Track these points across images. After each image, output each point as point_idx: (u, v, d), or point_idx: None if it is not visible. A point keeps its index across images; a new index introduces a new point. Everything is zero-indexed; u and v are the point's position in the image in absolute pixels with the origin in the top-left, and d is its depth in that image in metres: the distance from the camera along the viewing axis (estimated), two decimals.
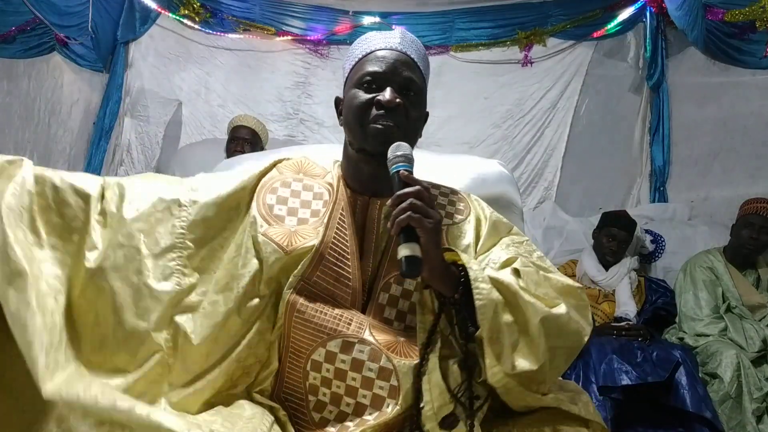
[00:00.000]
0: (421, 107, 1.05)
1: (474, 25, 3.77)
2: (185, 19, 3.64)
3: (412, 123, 1.02)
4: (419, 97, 1.03)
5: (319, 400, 0.89)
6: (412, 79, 1.02)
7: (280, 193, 1.04)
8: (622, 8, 3.67)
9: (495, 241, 1.07)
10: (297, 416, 0.90)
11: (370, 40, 1.07)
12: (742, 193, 3.00)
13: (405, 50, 1.04)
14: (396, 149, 0.92)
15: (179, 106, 3.74)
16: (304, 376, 0.89)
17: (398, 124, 0.98)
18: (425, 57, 1.09)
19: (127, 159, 3.73)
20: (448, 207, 1.10)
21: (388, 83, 1.00)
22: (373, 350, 0.89)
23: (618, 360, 2.40)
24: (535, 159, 3.83)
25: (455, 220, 1.08)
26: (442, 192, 1.13)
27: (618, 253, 2.91)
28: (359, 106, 1.00)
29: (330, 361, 0.89)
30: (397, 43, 1.04)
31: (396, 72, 1.01)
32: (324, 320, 0.91)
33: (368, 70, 1.02)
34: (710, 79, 3.49)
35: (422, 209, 0.85)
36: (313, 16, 3.77)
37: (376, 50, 1.04)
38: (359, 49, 1.07)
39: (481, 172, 1.41)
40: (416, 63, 1.04)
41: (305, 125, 3.85)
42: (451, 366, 0.87)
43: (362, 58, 1.05)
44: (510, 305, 0.86)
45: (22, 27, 3.15)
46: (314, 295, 0.93)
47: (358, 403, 0.87)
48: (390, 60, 1.02)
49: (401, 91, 1.00)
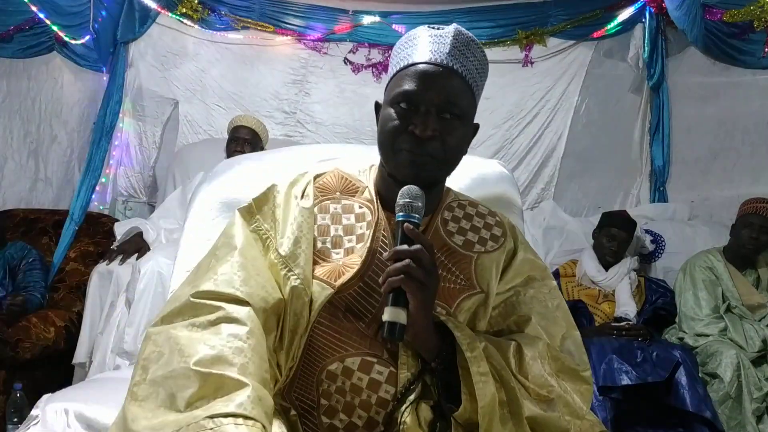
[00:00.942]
0: (465, 128, 0.95)
1: (474, 25, 3.76)
2: (183, 17, 3.63)
3: (451, 150, 0.93)
4: (463, 120, 0.94)
5: (331, 405, 0.88)
6: (455, 101, 0.91)
7: (320, 221, 0.97)
8: (622, 8, 3.67)
9: (518, 282, 1.00)
10: (306, 418, 0.89)
11: (416, 44, 0.95)
12: (742, 193, 3.00)
13: (453, 64, 0.92)
14: (406, 194, 0.86)
15: (177, 105, 3.73)
16: (318, 383, 0.89)
17: (433, 154, 0.91)
18: (481, 63, 0.97)
19: (126, 159, 3.72)
20: (483, 231, 1.02)
21: (426, 105, 0.90)
22: (392, 373, 0.88)
23: (618, 360, 2.41)
24: (535, 159, 3.82)
25: (488, 248, 1.00)
26: (479, 212, 1.05)
27: (618, 253, 2.91)
28: (391, 131, 0.92)
29: (347, 376, 0.88)
30: (445, 54, 0.92)
31: (436, 94, 0.90)
32: (347, 335, 0.89)
33: (405, 89, 0.91)
34: (710, 79, 3.48)
35: (418, 274, 0.79)
36: (313, 14, 3.76)
37: (419, 63, 0.92)
38: (404, 53, 0.96)
39: (481, 172, 1.41)
40: (465, 78, 0.93)
41: (303, 124, 3.84)
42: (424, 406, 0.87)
43: (402, 70, 0.94)
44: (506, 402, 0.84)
45: (21, 26, 3.14)
46: (343, 306, 0.91)
47: (371, 418, 0.87)
48: (431, 78, 0.91)
49: (441, 113, 0.91)
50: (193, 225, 1.36)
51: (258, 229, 0.97)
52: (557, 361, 0.91)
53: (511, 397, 0.84)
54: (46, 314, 2.64)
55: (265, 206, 1.00)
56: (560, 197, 3.80)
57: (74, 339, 2.63)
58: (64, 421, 1.15)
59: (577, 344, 0.98)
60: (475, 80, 0.95)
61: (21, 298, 2.58)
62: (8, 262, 2.78)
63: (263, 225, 0.97)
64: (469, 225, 1.02)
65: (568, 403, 0.88)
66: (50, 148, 3.45)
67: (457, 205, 1.05)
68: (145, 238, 2.78)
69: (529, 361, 0.87)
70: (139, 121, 3.71)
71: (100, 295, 2.67)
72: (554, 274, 3.00)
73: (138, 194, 3.73)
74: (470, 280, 0.96)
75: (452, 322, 0.88)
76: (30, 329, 2.49)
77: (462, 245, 0.99)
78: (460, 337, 0.85)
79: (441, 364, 0.87)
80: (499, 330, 0.97)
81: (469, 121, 0.97)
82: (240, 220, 0.98)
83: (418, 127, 0.89)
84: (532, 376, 0.86)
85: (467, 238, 1.00)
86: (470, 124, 0.98)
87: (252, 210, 1.00)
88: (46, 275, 2.87)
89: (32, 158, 3.39)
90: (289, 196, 1.00)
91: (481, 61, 0.96)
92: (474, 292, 0.95)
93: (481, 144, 3.81)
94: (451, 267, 0.96)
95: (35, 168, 3.40)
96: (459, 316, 0.93)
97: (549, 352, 0.91)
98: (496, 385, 0.84)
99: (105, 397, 1.22)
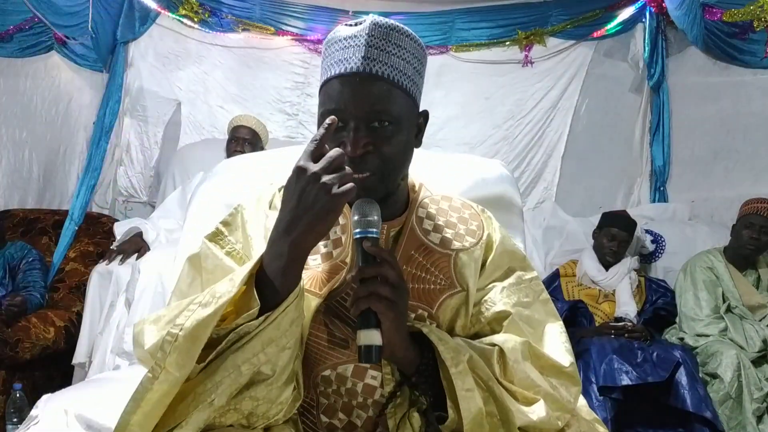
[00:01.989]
0: (404, 131, 0.87)
1: (474, 25, 3.76)
2: (184, 18, 3.63)
3: (391, 160, 0.86)
4: (398, 124, 0.85)
5: (330, 405, 0.88)
6: (383, 108, 0.83)
7: None
8: (622, 8, 3.67)
9: (498, 275, 0.98)
10: (306, 416, 0.89)
11: (331, 52, 0.87)
12: (742, 193, 3.00)
13: (371, 67, 0.83)
14: (359, 210, 0.80)
15: (178, 105, 3.74)
16: (314, 385, 0.88)
17: (372, 170, 0.84)
18: (409, 51, 0.87)
19: (126, 159, 3.72)
20: (459, 226, 0.99)
21: (353, 120, 0.82)
22: (385, 378, 0.88)
23: (618, 360, 2.41)
24: (535, 159, 3.82)
25: (465, 244, 0.96)
26: (453, 206, 1.02)
27: (618, 254, 2.91)
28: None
29: (341, 382, 0.88)
30: (359, 59, 0.83)
31: (359, 106, 0.82)
32: (337, 342, 0.88)
33: (326, 108, 0.85)
34: (711, 79, 3.48)
35: (386, 292, 0.76)
36: (313, 15, 3.76)
37: (334, 77, 0.85)
38: (324, 63, 0.89)
39: (481, 172, 1.41)
40: (390, 78, 0.84)
41: (305, 125, 3.85)
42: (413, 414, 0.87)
43: (323, 86, 0.88)
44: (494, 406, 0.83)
45: (20, 26, 3.15)
46: (331, 313, 0.90)
47: (369, 418, 0.87)
48: (349, 91, 0.83)
49: (370, 124, 0.83)
50: (193, 225, 1.36)
51: (232, 251, 0.94)
52: (540, 359, 0.89)
53: (501, 407, 0.82)
54: (46, 314, 2.64)
55: (234, 226, 0.98)
56: (561, 197, 3.80)
57: (74, 339, 2.62)
58: (64, 421, 1.14)
59: (558, 335, 0.95)
60: (405, 74, 0.86)
61: (20, 299, 2.58)
62: (8, 262, 2.78)
63: (236, 245, 0.95)
64: (444, 221, 0.98)
65: (556, 399, 0.86)
66: (48, 148, 3.45)
67: (431, 200, 1.01)
68: (144, 238, 2.78)
69: (513, 365, 0.85)
70: (139, 122, 3.71)
71: (100, 295, 2.66)
72: (554, 274, 3.01)
73: (138, 194, 3.73)
74: (450, 279, 0.93)
75: (435, 334, 0.85)
76: (30, 329, 2.49)
77: (439, 243, 0.95)
78: (444, 351, 0.82)
79: (422, 378, 0.85)
80: (480, 332, 0.95)
81: (408, 121, 0.88)
82: (212, 247, 0.94)
83: (348, 146, 0.81)
84: (518, 380, 0.85)
85: (444, 236, 0.96)
86: (410, 123, 0.89)
87: (220, 233, 0.97)
88: (46, 275, 2.87)
89: (31, 158, 3.39)
90: (258, 210, 0.97)
91: (408, 49, 0.86)
92: (455, 291, 0.93)
93: (481, 144, 3.82)
94: (430, 267, 0.93)
95: (28, 167, 3.39)
96: (441, 317, 0.92)
97: (531, 351, 0.89)
98: (484, 395, 0.82)
99: (105, 397, 1.22)
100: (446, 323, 0.93)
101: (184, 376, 0.73)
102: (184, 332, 0.71)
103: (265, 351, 0.74)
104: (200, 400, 0.73)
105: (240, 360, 0.73)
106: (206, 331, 0.72)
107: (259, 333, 0.74)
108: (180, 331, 0.72)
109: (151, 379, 0.72)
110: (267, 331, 0.74)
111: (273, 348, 0.75)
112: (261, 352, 0.74)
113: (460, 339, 0.89)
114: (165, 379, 0.72)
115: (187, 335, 0.71)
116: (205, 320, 0.72)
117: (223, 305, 0.73)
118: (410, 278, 0.92)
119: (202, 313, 0.72)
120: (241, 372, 0.73)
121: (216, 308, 0.72)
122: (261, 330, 0.74)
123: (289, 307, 0.75)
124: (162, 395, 0.72)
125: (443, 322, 0.93)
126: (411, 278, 0.92)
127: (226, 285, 0.75)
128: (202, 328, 0.72)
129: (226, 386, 0.73)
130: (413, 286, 0.91)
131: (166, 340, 0.72)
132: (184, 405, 0.73)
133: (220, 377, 0.73)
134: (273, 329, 0.74)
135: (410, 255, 0.94)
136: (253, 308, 0.74)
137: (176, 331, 0.72)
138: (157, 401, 0.72)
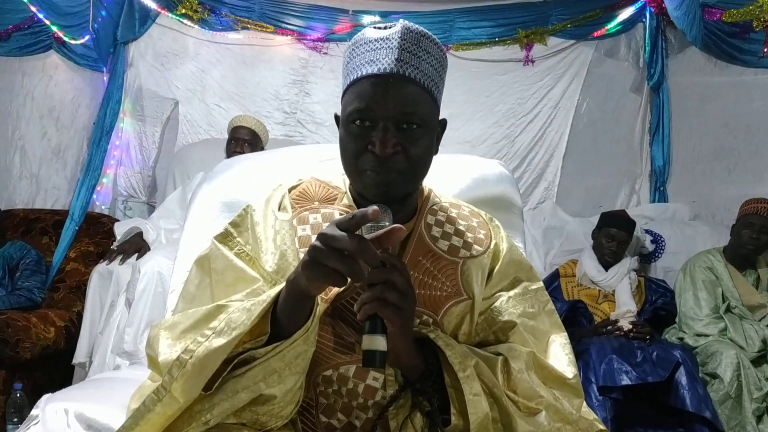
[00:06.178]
0: (429, 135, 0.89)
1: (475, 24, 3.76)
2: (183, 18, 3.63)
3: (416, 161, 0.87)
4: (425, 127, 0.87)
5: (329, 405, 0.88)
6: (413, 110, 0.85)
7: (301, 233, 0.94)
8: (622, 8, 3.67)
9: (504, 285, 0.98)
10: (305, 416, 0.89)
11: (362, 52, 0.88)
12: (742, 193, 2.99)
13: (404, 70, 0.84)
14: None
15: (175, 104, 3.73)
16: (314, 385, 0.89)
17: (398, 170, 0.86)
18: (436, 59, 0.89)
19: (126, 159, 3.72)
20: (467, 234, 0.99)
21: (382, 120, 0.84)
22: (388, 380, 0.88)
23: (618, 360, 2.41)
24: (536, 158, 3.82)
25: (473, 252, 0.97)
26: (462, 214, 1.02)
27: (617, 254, 2.91)
28: (351, 153, 0.87)
29: (342, 382, 0.88)
30: (393, 61, 0.84)
31: (391, 106, 0.84)
32: (340, 343, 0.88)
33: (356, 107, 0.85)
34: (711, 79, 3.48)
35: (393, 298, 0.75)
36: (313, 14, 3.76)
37: (365, 76, 0.85)
38: (352, 63, 0.89)
39: (481, 172, 1.40)
40: (420, 82, 0.85)
41: (302, 124, 3.84)
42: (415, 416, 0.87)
43: (352, 85, 0.88)
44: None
45: (20, 25, 3.14)
46: (337, 315, 0.90)
47: (368, 419, 0.87)
48: (382, 91, 0.84)
49: (399, 125, 0.85)
50: (193, 225, 1.36)
51: (241, 252, 0.95)
52: (544, 370, 0.90)
53: (504, 414, 0.83)
54: (47, 314, 2.64)
55: (243, 227, 0.98)
56: (561, 197, 3.80)
57: (74, 339, 2.63)
58: (64, 421, 1.15)
59: (562, 346, 0.96)
60: (433, 80, 0.88)
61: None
62: (7, 262, 2.78)
63: (245, 247, 0.95)
64: (453, 228, 0.99)
65: (558, 410, 0.86)
66: (48, 148, 3.44)
67: (440, 207, 1.02)
68: (145, 238, 2.78)
69: (517, 375, 0.86)
70: (139, 121, 3.71)
71: (100, 295, 2.67)
72: (554, 274, 3.01)
73: (138, 194, 3.73)
74: (456, 286, 0.93)
75: (442, 339, 0.86)
76: (30, 329, 2.49)
77: (447, 250, 0.96)
78: (451, 356, 0.83)
79: (426, 384, 0.85)
80: (484, 340, 0.95)
81: (433, 126, 0.91)
82: (222, 248, 0.95)
83: (377, 146, 0.83)
84: (521, 390, 0.85)
85: (452, 243, 0.97)
86: (434, 128, 0.92)
87: (230, 234, 0.98)
88: (45, 275, 2.87)
89: (31, 158, 3.39)
90: (267, 211, 0.97)
91: (435, 56, 0.89)
92: (461, 299, 0.93)
93: (482, 143, 3.81)
94: (437, 273, 0.94)
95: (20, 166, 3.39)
96: (446, 323, 0.92)
97: (535, 361, 0.89)
98: (489, 401, 0.82)
99: (105, 397, 1.22)
100: (450, 330, 0.93)
101: (188, 402, 0.74)
102: (193, 360, 0.72)
103: (266, 380, 0.75)
104: (195, 418, 0.74)
105: (240, 386, 0.74)
106: (216, 362, 0.73)
107: (264, 362, 0.75)
108: (190, 359, 0.72)
109: (155, 400, 0.73)
110: (271, 362, 0.75)
111: (274, 378, 0.75)
112: (262, 381, 0.75)
113: (465, 346, 0.89)
114: (168, 404, 0.73)
115: (196, 363, 0.72)
116: (216, 351, 0.73)
117: (237, 338, 0.73)
118: (417, 284, 0.92)
119: (214, 343, 0.73)
120: (240, 398, 0.74)
121: (229, 340, 0.73)
122: (266, 359, 0.75)
123: (297, 341, 0.76)
124: (162, 418, 0.74)
125: (448, 329, 0.92)
126: (417, 284, 0.92)
127: (243, 316, 0.75)
128: (212, 359, 0.73)
129: (222, 409, 0.74)
130: (419, 291, 0.91)
131: (175, 364, 0.73)
132: (180, 422, 0.75)
133: (218, 399, 0.74)
134: (277, 360, 0.75)
135: (418, 260, 0.94)
136: (264, 334, 0.76)
137: (186, 357, 0.73)
138: (156, 422, 0.74)
